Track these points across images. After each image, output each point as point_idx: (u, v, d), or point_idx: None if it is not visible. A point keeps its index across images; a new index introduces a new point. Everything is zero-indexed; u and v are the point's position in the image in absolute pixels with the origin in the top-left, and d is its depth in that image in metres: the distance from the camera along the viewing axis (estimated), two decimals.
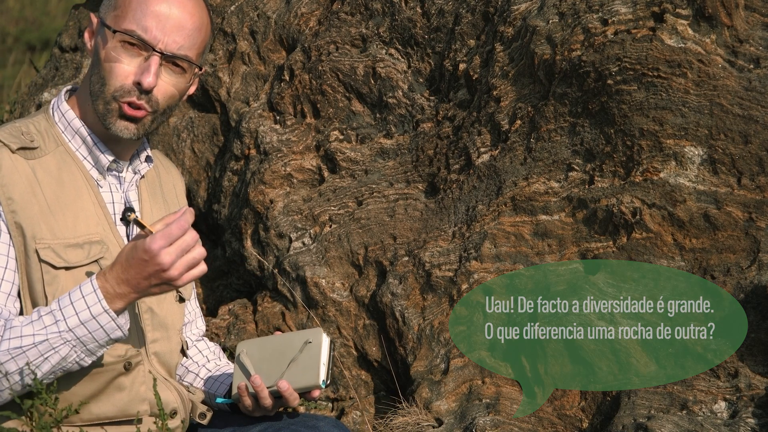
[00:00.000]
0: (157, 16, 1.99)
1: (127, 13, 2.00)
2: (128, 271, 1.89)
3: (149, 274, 1.88)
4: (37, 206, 1.96)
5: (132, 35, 1.99)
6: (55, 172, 2.01)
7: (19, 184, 1.96)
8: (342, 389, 3.05)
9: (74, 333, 1.88)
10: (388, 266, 3.02)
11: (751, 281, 2.62)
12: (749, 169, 2.71)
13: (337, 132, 3.29)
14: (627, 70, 2.77)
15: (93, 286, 1.89)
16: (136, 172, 2.15)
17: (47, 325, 1.88)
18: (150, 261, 1.87)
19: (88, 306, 1.88)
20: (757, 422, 2.45)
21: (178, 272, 1.89)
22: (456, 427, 2.75)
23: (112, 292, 1.90)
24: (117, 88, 2.01)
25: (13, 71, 7.22)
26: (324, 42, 3.35)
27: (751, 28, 2.78)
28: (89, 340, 1.90)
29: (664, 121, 2.75)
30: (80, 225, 2.00)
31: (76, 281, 1.97)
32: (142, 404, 2.04)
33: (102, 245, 2.01)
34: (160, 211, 2.18)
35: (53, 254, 1.95)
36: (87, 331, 1.89)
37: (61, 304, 1.90)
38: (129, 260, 1.89)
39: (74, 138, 2.07)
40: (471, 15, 3.13)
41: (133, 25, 1.99)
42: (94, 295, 1.89)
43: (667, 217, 2.74)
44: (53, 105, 2.10)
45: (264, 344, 2.15)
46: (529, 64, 2.94)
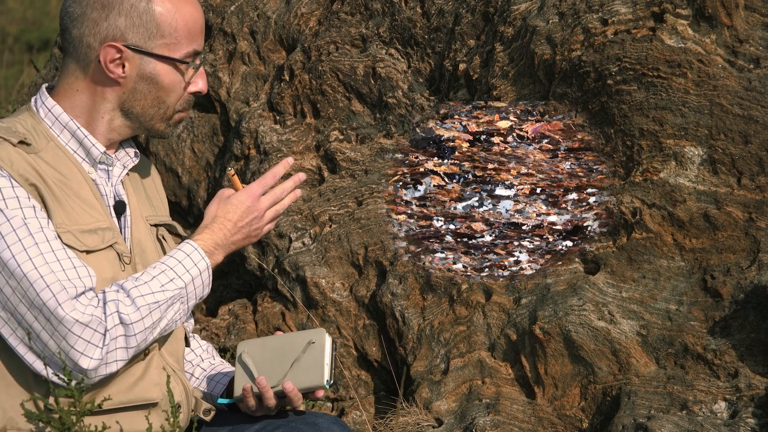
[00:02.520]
0: (202, 27, 2.11)
1: (182, 38, 2.07)
2: (230, 220, 2.09)
3: (249, 221, 2.10)
4: (50, 194, 1.98)
5: (198, 56, 2.10)
6: (55, 165, 2.03)
7: (32, 171, 1.97)
8: (342, 389, 3.05)
9: (187, 289, 2.02)
10: (388, 266, 3.02)
11: (751, 281, 2.62)
12: (749, 169, 2.70)
13: (337, 132, 3.29)
14: (627, 70, 2.77)
15: (192, 245, 2.05)
16: (125, 167, 2.16)
17: (164, 282, 1.99)
18: (251, 206, 2.10)
19: (195, 263, 2.03)
20: (757, 422, 2.45)
21: (266, 220, 2.13)
22: (456, 427, 2.75)
23: (218, 245, 2.08)
24: (182, 103, 2.12)
25: (12, 71, 7.22)
26: (324, 42, 3.35)
27: (751, 28, 2.78)
28: (193, 296, 2.04)
29: (664, 121, 2.75)
30: (87, 213, 2.02)
31: (96, 264, 1.99)
32: (155, 390, 2.05)
33: (113, 231, 2.04)
34: (145, 205, 2.19)
35: (74, 238, 1.98)
36: (193, 288, 2.04)
37: (169, 263, 2.02)
38: (228, 210, 2.09)
39: (63, 132, 2.07)
40: (471, 15, 3.13)
41: (192, 47, 2.09)
42: (198, 253, 2.04)
43: (667, 217, 2.74)
44: (36, 102, 2.10)
45: (265, 344, 2.15)
46: (529, 64, 2.94)
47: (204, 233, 2.08)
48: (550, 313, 2.73)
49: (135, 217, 2.14)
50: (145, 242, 2.14)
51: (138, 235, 2.13)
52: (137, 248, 2.11)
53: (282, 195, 2.13)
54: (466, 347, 2.86)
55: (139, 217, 2.15)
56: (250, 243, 2.14)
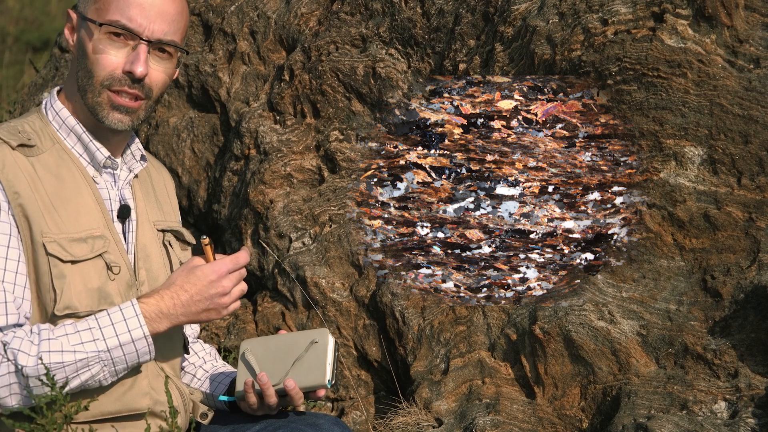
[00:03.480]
0: (141, 5, 2.02)
1: (110, 5, 2.02)
2: (188, 291, 1.99)
3: (210, 296, 1.99)
4: (41, 201, 1.97)
5: (117, 25, 2.01)
6: (54, 169, 2.02)
7: (23, 179, 1.97)
8: (342, 389, 3.05)
9: (111, 354, 1.94)
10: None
11: (751, 281, 2.62)
12: (749, 169, 2.71)
13: (337, 132, 3.29)
14: (627, 70, 2.77)
15: (135, 310, 1.96)
16: (131, 170, 2.16)
17: (85, 341, 1.92)
18: (216, 282, 1.99)
19: (129, 330, 1.95)
20: (757, 422, 2.45)
21: (230, 299, 2.02)
22: (456, 427, 2.75)
23: (163, 314, 1.98)
24: (106, 77, 2.03)
25: (12, 71, 7.22)
26: (324, 42, 3.35)
27: (751, 28, 2.78)
28: (121, 361, 1.96)
29: (664, 121, 2.75)
30: (82, 220, 2.02)
31: (82, 275, 1.98)
32: (144, 399, 2.05)
33: (104, 240, 2.03)
34: (153, 210, 2.19)
35: (59, 248, 1.97)
36: (122, 354, 1.95)
37: (101, 323, 1.94)
38: (190, 281, 1.99)
39: (69, 136, 2.08)
40: (471, 15, 3.13)
41: (117, 16, 2.01)
42: (137, 320, 1.95)
43: (667, 217, 2.74)
44: (46, 104, 2.11)
45: (268, 343, 2.16)
46: (529, 64, 2.94)
47: (153, 298, 1.99)
48: (550, 313, 2.73)
49: (141, 222, 2.14)
50: (149, 247, 2.13)
51: (143, 240, 2.12)
52: (141, 253, 2.11)
53: (243, 276, 2.04)
54: (466, 347, 2.86)
55: (146, 222, 2.15)
56: (211, 318, 2.04)
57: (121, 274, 2.04)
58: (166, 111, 3.72)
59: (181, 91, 3.69)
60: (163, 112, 3.72)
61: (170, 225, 2.22)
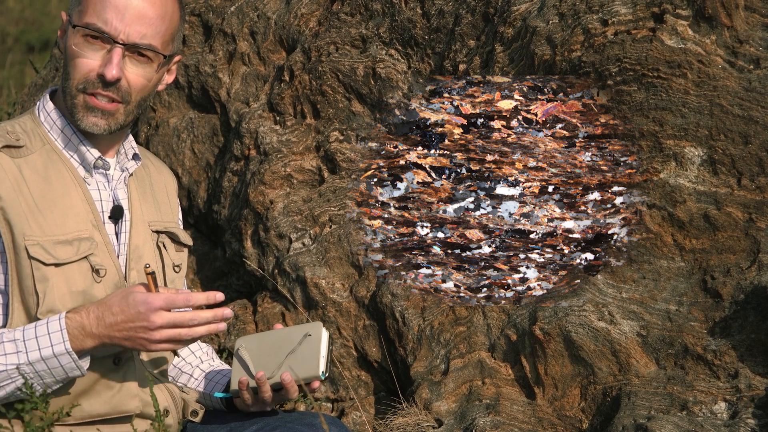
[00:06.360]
0: (116, 8, 2.01)
1: (88, 8, 2.02)
2: (115, 315, 1.92)
3: (134, 327, 1.92)
4: (25, 203, 1.97)
5: (92, 28, 2.01)
6: (42, 170, 2.02)
7: (6, 181, 1.97)
8: (342, 390, 3.05)
9: (33, 367, 1.91)
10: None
11: (751, 282, 2.62)
12: (749, 170, 2.71)
13: (337, 132, 3.29)
14: (627, 70, 2.77)
15: (60, 325, 1.92)
16: (124, 170, 2.15)
17: (7, 353, 1.90)
18: (143, 314, 1.91)
19: (51, 344, 1.91)
20: (757, 423, 2.45)
21: (158, 338, 1.94)
22: (456, 427, 2.75)
23: (85, 332, 1.92)
24: (80, 80, 2.02)
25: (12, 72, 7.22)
26: (324, 42, 3.35)
27: (751, 28, 2.78)
28: (47, 375, 1.93)
29: (664, 121, 2.75)
30: (69, 222, 2.01)
31: (66, 278, 1.97)
32: (133, 401, 2.04)
33: (91, 242, 2.02)
34: (150, 210, 2.18)
35: (42, 251, 1.96)
36: (46, 367, 1.92)
37: (26, 335, 1.92)
38: (121, 305, 1.92)
39: (60, 136, 2.08)
40: (471, 15, 3.13)
41: (93, 19, 2.01)
42: (60, 335, 1.91)
43: (667, 218, 2.74)
44: (38, 105, 2.12)
45: (262, 338, 2.16)
46: (529, 65, 2.94)
47: (80, 313, 1.94)
48: (550, 313, 2.73)
49: (135, 222, 2.13)
50: (142, 248, 2.12)
51: (136, 240, 2.12)
52: (133, 254, 2.10)
53: (187, 322, 1.94)
54: (466, 348, 2.86)
55: (140, 223, 2.14)
56: (135, 349, 1.98)
57: (108, 276, 2.03)
58: (166, 111, 3.72)
59: (181, 92, 3.69)
60: (163, 113, 3.72)
61: (166, 226, 2.21)
